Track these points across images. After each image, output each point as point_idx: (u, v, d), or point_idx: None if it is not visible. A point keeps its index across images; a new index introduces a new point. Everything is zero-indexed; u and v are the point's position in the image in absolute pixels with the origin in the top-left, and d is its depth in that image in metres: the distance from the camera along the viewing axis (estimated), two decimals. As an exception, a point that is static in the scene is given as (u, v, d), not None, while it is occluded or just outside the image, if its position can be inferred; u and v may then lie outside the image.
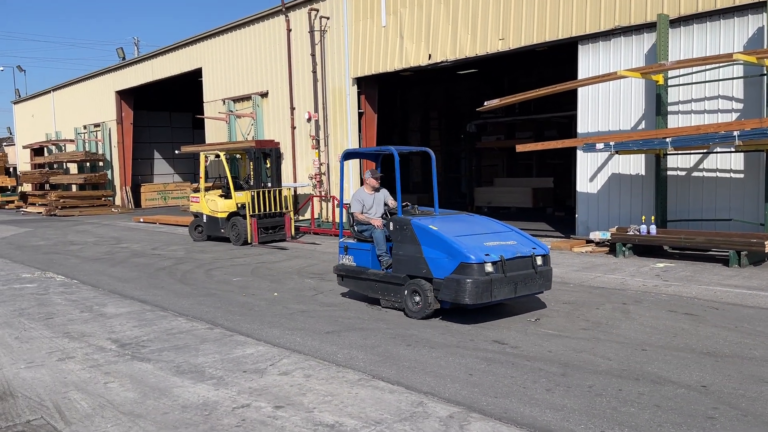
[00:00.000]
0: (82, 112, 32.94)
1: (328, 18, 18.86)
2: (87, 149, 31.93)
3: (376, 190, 8.56)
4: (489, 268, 6.89)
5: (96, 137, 31.92)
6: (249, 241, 14.99)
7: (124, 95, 30.13)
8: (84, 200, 28.98)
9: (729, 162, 11.38)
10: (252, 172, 15.84)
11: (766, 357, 5.63)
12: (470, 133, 25.96)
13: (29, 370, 5.76)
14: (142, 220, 22.58)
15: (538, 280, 7.36)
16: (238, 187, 15.79)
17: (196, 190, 19.81)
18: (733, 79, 11.22)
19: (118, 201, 30.88)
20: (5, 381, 5.46)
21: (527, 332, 6.71)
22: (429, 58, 16.28)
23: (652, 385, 4.98)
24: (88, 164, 31.43)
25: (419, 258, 7.33)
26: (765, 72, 10.51)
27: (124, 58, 32.27)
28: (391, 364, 5.67)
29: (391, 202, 8.51)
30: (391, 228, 7.79)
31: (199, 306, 8.38)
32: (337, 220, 17.52)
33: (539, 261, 7.40)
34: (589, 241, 12.72)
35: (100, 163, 31.13)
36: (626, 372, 5.32)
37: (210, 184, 17.64)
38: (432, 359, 5.79)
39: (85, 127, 32.68)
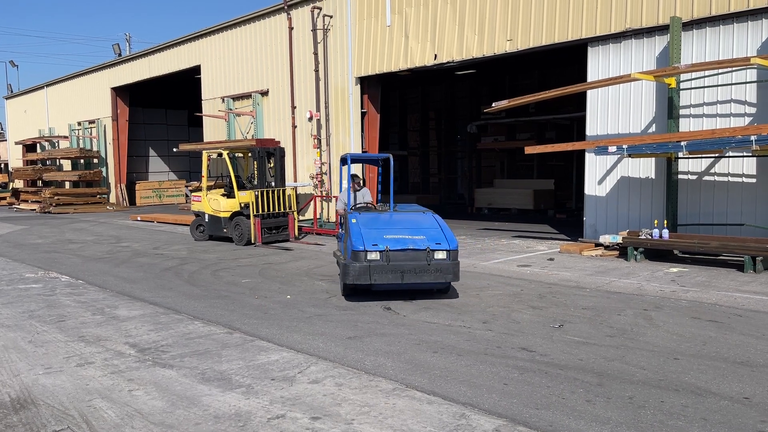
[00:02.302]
0: (77, 109, 32.57)
1: (331, 16, 18.71)
2: (81, 146, 31.59)
3: (357, 190, 10.66)
4: (373, 256, 8.01)
5: (90, 134, 31.59)
6: (252, 242, 14.81)
7: (119, 92, 29.83)
8: (79, 198, 28.65)
9: (741, 166, 11.34)
10: (256, 172, 15.64)
11: (802, 367, 5.55)
12: (470, 133, 25.91)
13: (48, 376, 5.57)
14: (139, 218, 22.31)
15: (432, 272, 8.06)
16: (241, 187, 15.60)
17: (196, 189, 19.60)
18: (746, 83, 11.18)
19: (112, 198, 30.58)
20: (25, 388, 5.28)
21: (553, 339, 6.60)
22: (435, 59, 16.17)
23: (694, 397, 4.88)
24: (82, 161, 31.08)
25: (346, 245, 8.55)
26: (780, 77, 10.48)
27: (120, 55, 31.97)
28: (422, 372, 5.53)
29: (369, 199, 10.53)
30: (343, 221, 9.37)
31: (212, 309, 8.21)
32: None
33: (439, 255, 8.12)
34: (598, 245, 12.65)
35: (95, 160, 30.81)
36: (664, 382, 5.22)
37: (212, 183, 17.43)
38: (462, 367, 5.66)
39: (79, 124, 32.33)
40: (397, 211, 9.61)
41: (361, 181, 11.08)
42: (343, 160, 10.41)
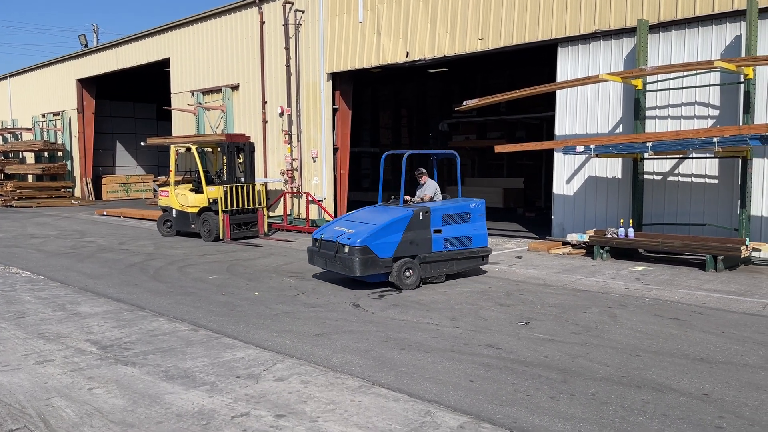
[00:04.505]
0: (41, 100, 31.79)
1: (303, 11, 18.56)
2: (45, 138, 30.82)
3: (420, 184, 10.65)
4: (318, 243, 9.39)
5: (55, 126, 30.85)
6: (221, 238, 14.65)
7: (85, 84, 29.18)
8: (42, 191, 27.99)
9: (704, 167, 11.57)
10: (225, 167, 15.46)
11: (759, 364, 5.69)
12: (441, 131, 25.99)
13: (5, 374, 5.43)
14: (105, 213, 21.91)
15: (338, 262, 8.92)
16: (210, 182, 15.41)
17: (164, 184, 19.31)
18: (710, 86, 11.41)
19: (78, 193, 29.94)
20: (-20, 386, 5.14)
21: (519, 336, 6.66)
22: (407, 56, 16.16)
23: (655, 393, 4.97)
24: (46, 154, 30.32)
25: None
26: (742, 80, 10.70)
27: (86, 45, 31.29)
28: (389, 369, 5.53)
29: (427, 193, 10.46)
30: None
31: (178, 305, 8.10)
32: (311, 216, 17.33)
33: (345, 249, 8.79)
34: (565, 243, 12.80)
35: (59, 153, 30.08)
36: (626, 379, 5.30)
37: (179, 178, 17.19)
38: (429, 364, 5.67)
39: (43, 116, 31.56)
40: (407, 207, 9.78)
41: (423, 175, 10.74)
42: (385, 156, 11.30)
